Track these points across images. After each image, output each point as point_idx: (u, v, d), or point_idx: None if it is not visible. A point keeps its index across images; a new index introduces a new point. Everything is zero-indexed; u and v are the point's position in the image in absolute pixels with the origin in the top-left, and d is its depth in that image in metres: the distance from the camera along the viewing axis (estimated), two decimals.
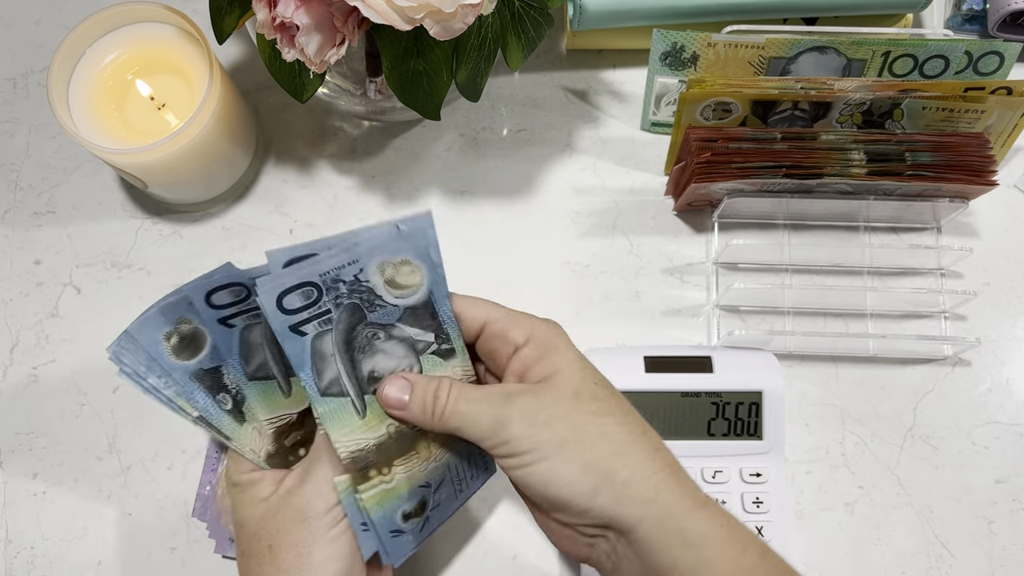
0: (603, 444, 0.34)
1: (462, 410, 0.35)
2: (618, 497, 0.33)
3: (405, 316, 0.35)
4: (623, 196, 0.55)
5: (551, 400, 0.34)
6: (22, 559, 0.48)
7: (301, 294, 0.32)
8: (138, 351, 0.36)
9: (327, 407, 0.34)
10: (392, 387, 0.36)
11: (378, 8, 0.36)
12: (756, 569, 0.33)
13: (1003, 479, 0.49)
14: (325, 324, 0.33)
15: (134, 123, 0.49)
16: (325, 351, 0.34)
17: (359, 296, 0.34)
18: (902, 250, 0.53)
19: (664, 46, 0.50)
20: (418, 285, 0.35)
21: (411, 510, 0.37)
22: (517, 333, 0.37)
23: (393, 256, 0.34)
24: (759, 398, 0.47)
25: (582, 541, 0.35)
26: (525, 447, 0.33)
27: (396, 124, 0.56)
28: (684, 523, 0.33)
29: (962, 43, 0.49)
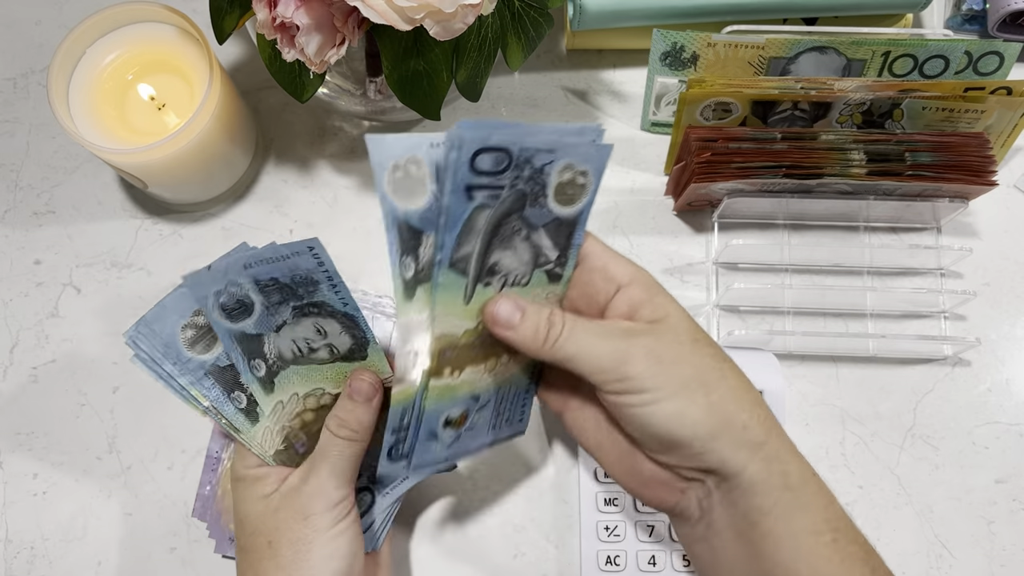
0: (724, 387, 0.34)
1: (579, 340, 0.34)
2: (736, 440, 0.33)
3: (550, 225, 0.35)
4: (623, 196, 0.55)
5: (672, 341, 0.35)
6: (22, 559, 0.48)
7: (494, 158, 0.32)
8: (155, 337, 0.36)
9: (448, 278, 0.33)
10: (503, 307, 0.35)
11: (378, 8, 0.36)
12: (839, 520, 0.34)
13: (1003, 479, 0.49)
14: (492, 200, 0.33)
15: (134, 123, 0.49)
16: (476, 225, 0.33)
17: (532, 186, 0.34)
18: (902, 250, 0.53)
19: (664, 46, 0.50)
20: (579, 200, 0.35)
21: (454, 418, 0.37)
22: (620, 271, 0.36)
23: (580, 163, 0.34)
24: None
25: (678, 486, 0.36)
26: (649, 385, 0.33)
27: (396, 124, 0.56)
28: (789, 466, 0.34)
29: (962, 43, 0.49)
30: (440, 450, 0.37)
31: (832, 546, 0.33)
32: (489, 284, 0.35)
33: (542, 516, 0.49)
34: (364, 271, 0.53)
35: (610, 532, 0.46)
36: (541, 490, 0.49)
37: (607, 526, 0.46)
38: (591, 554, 0.46)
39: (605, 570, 0.46)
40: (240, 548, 0.38)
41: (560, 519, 0.49)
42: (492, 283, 0.35)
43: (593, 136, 0.35)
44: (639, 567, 0.46)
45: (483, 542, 0.48)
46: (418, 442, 0.36)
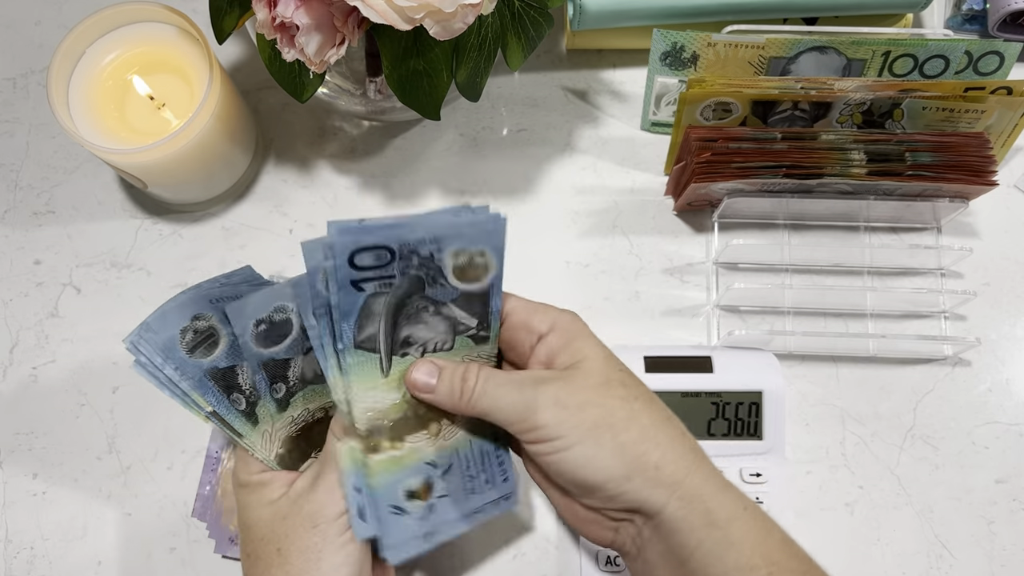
0: (634, 428, 0.34)
1: (491, 393, 0.35)
2: (649, 480, 0.33)
3: (459, 299, 0.36)
4: (623, 196, 0.55)
5: (581, 385, 0.35)
6: (22, 559, 0.48)
7: (374, 255, 0.33)
8: (156, 342, 0.36)
9: (356, 358, 0.35)
10: (420, 371, 0.36)
11: (378, 8, 0.36)
12: (777, 552, 0.33)
13: (1003, 479, 0.49)
14: (385, 287, 0.34)
15: (134, 123, 0.49)
16: (374, 309, 0.34)
17: (426, 271, 0.35)
18: (902, 250, 0.53)
19: (664, 46, 0.50)
20: (484, 276, 0.36)
21: (416, 488, 0.37)
22: (540, 322, 0.37)
23: (471, 246, 0.35)
24: (759, 398, 0.47)
25: (608, 525, 0.36)
26: (557, 432, 0.34)
27: (396, 124, 0.56)
28: (711, 503, 0.33)
29: (962, 43, 0.49)
30: (414, 525, 0.37)
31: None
32: (407, 355, 0.36)
33: (542, 516, 0.49)
34: None
35: None
36: (540, 490, 0.49)
37: None
38: (591, 554, 0.46)
39: (605, 570, 0.46)
40: (247, 555, 0.38)
41: (559, 519, 0.49)
42: (410, 353, 0.36)
43: (478, 223, 0.35)
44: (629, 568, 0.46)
45: (483, 542, 0.48)
46: (382, 519, 0.36)
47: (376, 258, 0.33)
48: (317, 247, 0.33)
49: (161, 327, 0.37)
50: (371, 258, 0.33)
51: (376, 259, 0.33)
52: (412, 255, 0.34)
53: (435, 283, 0.35)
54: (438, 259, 0.35)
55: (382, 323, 0.35)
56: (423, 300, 0.35)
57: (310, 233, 0.54)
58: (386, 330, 0.35)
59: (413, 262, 0.34)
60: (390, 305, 0.35)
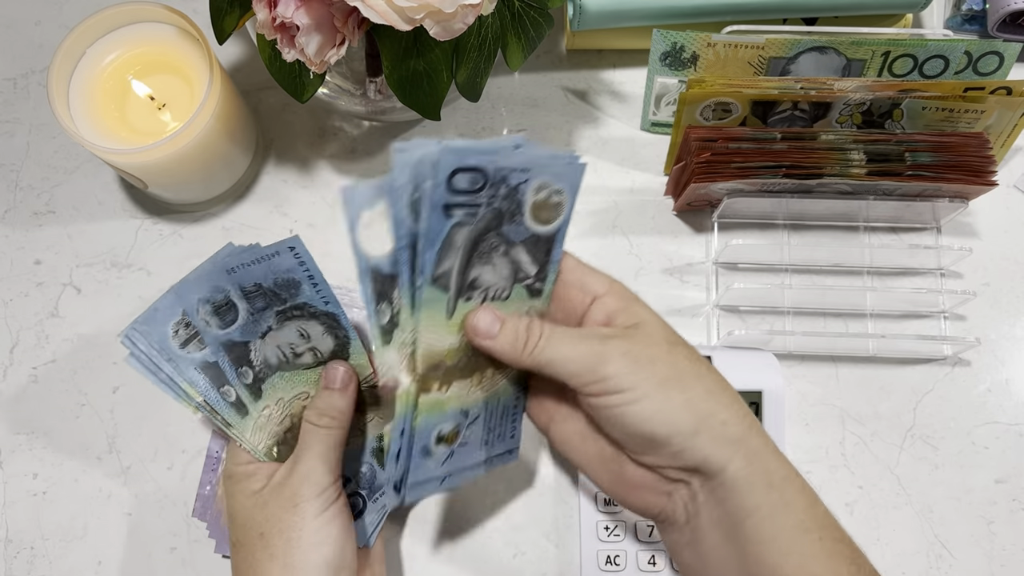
0: (700, 386, 0.35)
1: (556, 345, 0.35)
2: (716, 436, 0.34)
3: (528, 241, 0.36)
4: (623, 196, 0.55)
5: (648, 343, 0.35)
6: (22, 559, 0.48)
7: (470, 178, 0.33)
8: (150, 336, 0.37)
9: (430, 294, 0.34)
10: (483, 317, 0.36)
11: (378, 8, 0.36)
12: (825, 518, 0.34)
13: (1003, 479, 0.49)
14: (469, 217, 0.34)
15: (134, 123, 0.49)
16: (455, 242, 0.34)
17: (508, 204, 0.34)
18: (902, 250, 0.53)
19: (664, 46, 0.50)
20: (556, 218, 0.36)
21: (446, 433, 0.37)
22: (596, 282, 0.37)
23: (554, 182, 0.35)
24: (759, 398, 0.47)
25: (661, 489, 0.36)
26: (626, 384, 0.34)
27: (396, 124, 0.56)
28: (770, 464, 0.34)
29: (962, 43, 0.49)
30: (434, 467, 0.38)
31: (819, 544, 0.33)
32: (470, 299, 0.36)
33: (542, 516, 0.49)
34: None
35: (610, 532, 0.46)
36: (541, 490, 0.49)
37: (607, 526, 0.46)
38: (591, 554, 0.46)
39: (605, 570, 0.46)
40: (233, 544, 0.39)
41: (560, 519, 0.49)
42: (473, 297, 0.36)
43: (567, 159, 0.35)
44: (639, 567, 0.46)
45: (483, 541, 0.48)
46: (412, 458, 0.36)
47: (471, 181, 0.33)
48: (410, 161, 0.31)
49: (154, 322, 0.37)
50: (467, 181, 0.32)
51: (471, 182, 0.33)
52: (502, 183, 0.34)
53: (512, 219, 0.35)
54: (522, 191, 0.34)
55: (459, 258, 0.34)
56: (497, 238, 0.35)
57: (310, 233, 0.54)
58: (460, 267, 0.35)
59: (501, 191, 0.34)
60: (470, 238, 0.34)
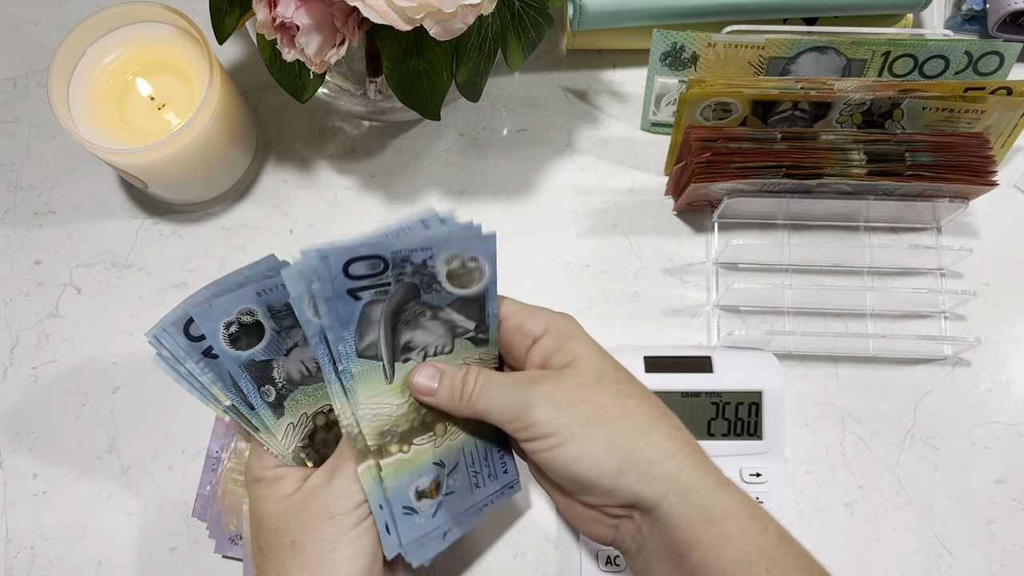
0: (626, 424, 0.35)
1: (488, 395, 0.36)
2: (643, 475, 0.34)
3: (456, 303, 0.37)
4: (623, 196, 0.55)
5: (574, 384, 0.35)
6: (22, 559, 0.48)
7: (368, 264, 0.34)
8: (179, 335, 0.36)
9: (361, 367, 0.35)
10: (422, 375, 0.37)
11: (378, 8, 0.36)
12: (775, 548, 0.33)
13: (1003, 479, 0.49)
14: (381, 295, 0.35)
15: (134, 123, 0.49)
16: (372, 317, 0.35)
17: (420, 278, 0.35)
18: (902, 250, 0.53)
19: (664, 46, 0.50)
20: (478, 281, 0.37)
21: (425, 488, 0.38)
22: (534, 325, 0.38)
23: (464, 252, 0.36)
24: (759, 398, 0.47)
25: (607, 523, 0.36)
26: (550, 429, 0.34)
27: (396, 124, 0.56)
28: (707, 499, 0.33)
29: (962, 43, 0.49)
30: (424, 522, 0.38)
31: (766, 575, 0.33)
32: (409, 359, 0.37)
33: (542, 516, 0.49)
34: None
35: None
36: (541, 490, 0.49)
37: None
38: (591, 554, 0.46)
39: (605, 570, 0.46)
40: (259, 548, 0.38)
41: (560, 519, 0.49)
42: (412, 358, 0.37)
43: (470, 233, 0.35)
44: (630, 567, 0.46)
45: (483, 542, 0.48)
46: (397, 520, 0.37)
47: (370, 267, 0.34)
48: (298, 271, 0.33)
49: (203, 319, 0.37)
50: (365, 267, 0.34)
51: (370, 268, 0.34)
52: (405, 263, 0.34)
53: (430, 289, 0.36)
54: (431, 265, 0.35)
55: (381, 329, 0.35)
56: (420, 306, 0.36)
57: (310, 233, 0.54)
58: (386, 336, 0.36)
59: (407, 269, 0.35)
60: (387, 311, 0.35)
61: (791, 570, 0.33)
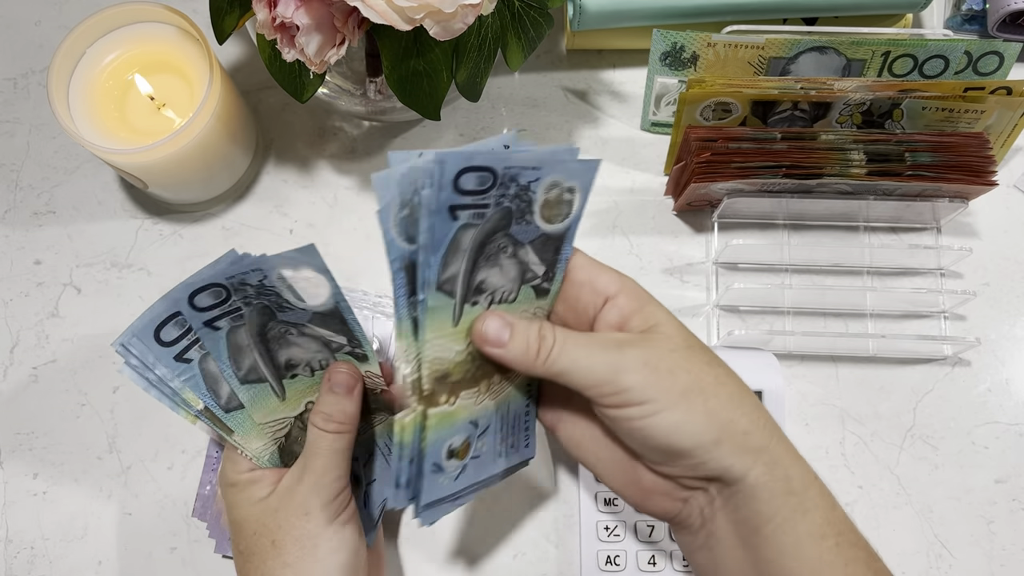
0: (723, 393, 0.33)
1: (573, 354, 0.33)
2: (738, 446, 0.33)
3: (537, 241, 0.35)
4: (623, 196, 0.55)
5: (667, 349, 0.34)
6: (22, 559, 0.48)
7: (478, 178, 0.31)
8: (149, 341, 0.36)
9: (436, 301, 0.32)
10: (491, 324, 0.34)
11: (378, 8, 0.36)
12: (843, 523, 0.33)
13: (1003, 479, 0.49)
14: (477, 219, 0.32)
15: (134, 123, 0.49)
16: (462, 244, 0.32)
17: (518, 203, 0.33)
18: (902, 250, 0.53)
19: (664, 46, 0.50)
20: (566, 216, 0.35)
21: (457, 447, 0.36)
22: (607, 283, 0.35)
23: (566, 179, 0.34)
24: (759, 398, 0.47)
25: (678, 495, 0.35)
26: (647, 396, 0.32)
27: (396, 124, 0.56)
28: (791, 470, 0.33)
29: (962, 43, 0.49)
30: (447, 483, 0.36)
31: (835, 550, 0.32)
32: (476, 303, 0.34)
33: (542, 516, 0.49)
34: (364, 271, 0.53)
35: (610, 532, 0.46)
36: (541, 490, 0.49)
37: (607, 526, 0.46)
38: (591, 554, 0.46)
39: (605, 570, 0.46)
40: (240, 552, 0.38)
41: (560, 519, 0.49)
42: (479, 302, 0.34)
43: (581, 158, 0.34)
44: (639, 567, 0.46)
45: (483, 542, 0.48)
46: (424, 476, 0.35)
47: (479, 181, 0.31)
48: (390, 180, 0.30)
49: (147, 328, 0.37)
50: (475, 181, 0.31)
51: (479, 182, 0.31)
52: (512, 182, 0.32)
53: (521, 219, 0.34)
54: (533, 189, 0.33)
55: (466, 259, 0.33)
56: (505, 239, 0.34)
57: (310, 233, 0.54)
58: (466, 271, 0.33)
59: (510, 190, 0.32)
60: (476, 241, 0.33)
61: (855, 547, 0.33)
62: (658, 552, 0.46)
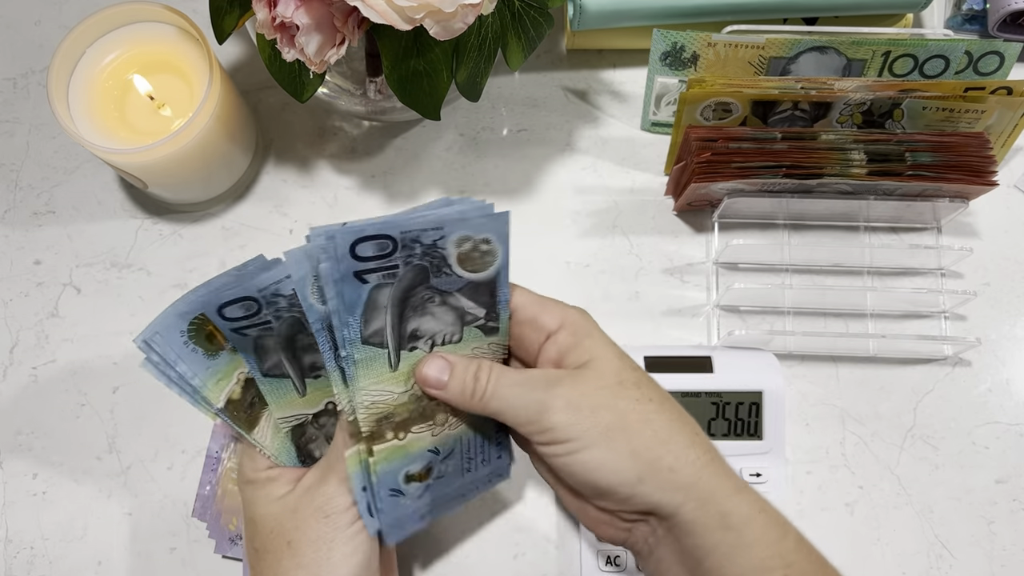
0: (647, 431, 0.34)
1: (503, 394, 0.35)
2: (663, 483, 0.33)
3: (466, 289, 0.36)
4: (623, 196, 0.55)
5: (594, 387, 0.34)
6: (22, 559, 0.48)
7: (376, 245, 0.33)
8: (165, 344, 0.36)
9: (365, 354, 0.34)
10: (431, 367, 0.36)
11: (378, 8, 0.36)
12: (793, 554, 0.33)
13: (1003, 479, 0.49)
14: (388, 279, 0.34)
15: (134, 123, 0.49)
16: (379, 302, 0.34)
17: (429, 260, 0.34)
18: (902, 250, 0.53)
19: (664, 46, 0.50)
20: (489, 265, 0.36)
21: (415, 473, 0.37)
22: (549, 319, 0.36)
23: (476, 233, 0.34)
24: (759, 398, 0.47)
25: (620, 526, 0.36)
26: (570, 435, 0.33)
27: (396, 124, 0.56)
28: (725, 506, 0.33)
29: (962, 43, 0.49)
30: (411, 503, 0.38)
31: None
32: (415, 348, 0.36)
33: (542, 516, 0.49)
34: None
35: None
36: (541, 491, 0.49)
37: None
38: (591, 554, 0.46)
39: (605, 570, 0.46)
40: (255, 549, 0.38)
41: (560, 519, 0.49)
42: (419, 347, 0.36)
43: (483, 211, 0.35)
44: (639, 567, 0.46)
45: (483, 542, 0.48)
46: (382, 500, 0.36)
47: (378, 248, 0.33)
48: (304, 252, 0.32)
49: (166, 328, 0.36)
50: (373, 248, 0.33)
51: (378, 249, 0.33)
52: (415, 243, 0.33)
53: (440, 272, 0.35)
54: (441, 247, 0.34)
55: (388, 315, 0.34)
56: (428, 291, 0.35)
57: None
58: (393, 323, 0.35)
59: (416, 251, 0.34)
60: (395, 296, 0.34)
61: None
62: None
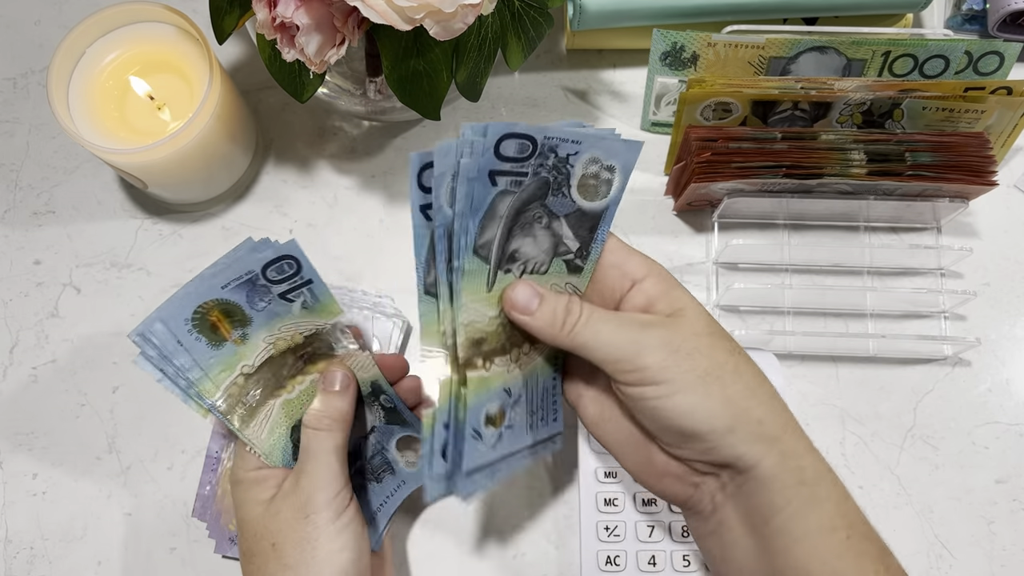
0: (740, 382, 0.34)
1: (596, 328, 0.34)
2: (751, 434, 0.33)
3: (572, 216, 0.36)
4: (623, 196, 0.55)
5: (690, 333, 0.34)
6: (22, 559, 0.48)
7: (518, 145, 0.33)
8: (166, 333, 0.36)
9: (471, 265, 0.34)
10: (521, 292, 0.35)
11: (378, 8, 0.36)
12: (855, 515, 0.33)
13: (1003, 479, 0.49)
14: (514, 186, 0.34)
15: (134, 123, 0.49)
16: (499, 210, 0.34)
17: (555, 174, 0.34)
18: (902, 250, 0.53)
19: (664, 46, 0.50)
20: (604, 195, 0.36)
21: (494, 413, 0.36)
22: (636, 266, 0.36)
23: (606, 158, 0.35)
24: None
25: (690, 480, 0.35)
26: (664, 376, 0.33)
27: (396, 124, 0.56)
28: (804, 460, 0.33)
29: (962, 43, 0.49)
30: (487, 451, 0.36)
31: (846, 543, 0.32)
32: (509, 271, 0.35)
33: (542, 516, 0.49)
34: (364, 271, 0.53)
35: (610, 532, 0.46)
36: (541, 490, 0.49)
37: (607, 526, 0.46)
38: (591, 554, 0.46)
39: (605, 570, 0.46)
40: (244, 553, 0.38)
41: (560, 519, 0.49)
42: (512, 270, 0.35)
43: (617, 137, 0.35)
44: (639, 567, 0.46)
45: (483, 542, 0.48)
46: (465, 441, 0.35)
47: (519, 148, 0.33)
48: (449, 148, 0.32)
49: (176, 317, 0.36)
50: (515, 147, 0.33)
51: (519, 149, 0.33)
52: (551, 152, 0.33)
53: (558, 191, 0.35)
54: (572, 162, 0.34)
55: (501, 226, 0.34)
56: (540, 209, 0.35)
57: (310, 233, 0.54)
58: (502, 235, 0.34)
59: (548, 162, 0.34)
60: (513, 206, 0.34)
61: (866, 540, 0.33)
62: (658, 552, 0.46)
